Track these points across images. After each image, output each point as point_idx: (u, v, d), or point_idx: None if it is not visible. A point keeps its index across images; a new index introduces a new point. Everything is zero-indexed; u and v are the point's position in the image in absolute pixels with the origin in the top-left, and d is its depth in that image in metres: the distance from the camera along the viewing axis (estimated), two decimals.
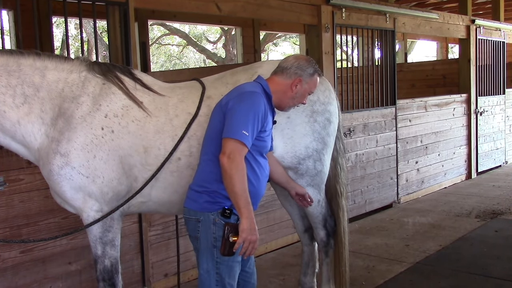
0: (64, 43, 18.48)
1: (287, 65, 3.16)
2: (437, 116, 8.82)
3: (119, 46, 4.56)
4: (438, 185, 8.90)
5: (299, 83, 3.14)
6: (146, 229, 4.72)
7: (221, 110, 2.97)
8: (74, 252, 4.27)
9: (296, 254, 5.61)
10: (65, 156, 3.14)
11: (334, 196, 4.17)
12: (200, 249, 2.99)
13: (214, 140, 2.96)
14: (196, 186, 3.01)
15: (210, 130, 3.04)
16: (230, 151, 2.79)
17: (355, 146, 7.07)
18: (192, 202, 3.01)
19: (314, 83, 3.22)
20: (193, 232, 3.02)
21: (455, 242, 5.97)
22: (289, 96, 3.15)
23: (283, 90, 3.14)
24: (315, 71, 3.20)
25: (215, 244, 2.93)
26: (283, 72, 3.15)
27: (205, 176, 2.98)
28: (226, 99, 2.99)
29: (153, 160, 3.28)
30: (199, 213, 2.96)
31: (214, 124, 3.00)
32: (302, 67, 3.15)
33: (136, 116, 3.30)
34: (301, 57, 3.23)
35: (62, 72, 3.30)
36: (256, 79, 3.19)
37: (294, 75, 3.13)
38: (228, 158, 2.79)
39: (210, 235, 2.94)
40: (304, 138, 3.74)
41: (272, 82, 3.15)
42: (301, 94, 3.18)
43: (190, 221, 3.02)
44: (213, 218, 2.93)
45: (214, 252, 2.94)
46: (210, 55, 24.46)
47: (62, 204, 3.39)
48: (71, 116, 3.19)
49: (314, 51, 6.47)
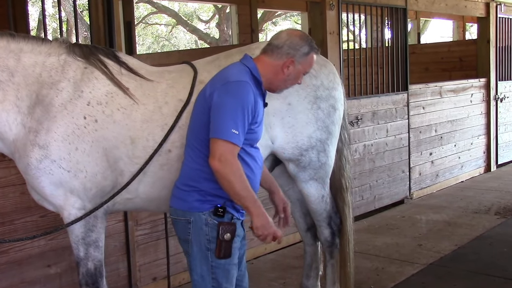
0: (40, 23, 18.41)
1: (278, 43, 3.03)
2: (453, 103, 8.83)
3: (102, 26, 4.55)
4: (454, 179, 8.93)
5: (291, 64, 3.01)
6: (132, 228, 4.74)
7: (205, 102, 2.91)
8: (54, 254, 4.28)
9: (298, 255, 5.64)
10: (44, 148, 3.14)
11: (339, 190, 4.19)
12: (191, 252, 2.97)
13: (198, 134, 2.93)
14: (182, 184, 3.00)
15: (193, 121, 3.01)
16: (220, 154, 2.78)
17: (363, 136, 7.09)
18: (179, 201, 2.99)
19: (310, 62, 3.09)
20: (183, 235, 3.00)
21: (472, 242, 6.01)
22: (280, 79, 3.05)
23: (274, 72, 3.03)
24: (311, 49, 3.05)
25: (209, 246, 2.93)
26: (273, 52, 3.02)
27: (193, 173, 2.96)
28: (210, 89, 2.91)
29: (141, 152, 3.28)
30: (188, 213, 2.94)
31: (197, 115, 2.96)
32: (295, 45, 3.01)
33: (122, 103, 3.30)
34: (294, 33, 3.09)
35: (39, 55, 3.29)
36: (242, 59, 3.08)
37: (285, 55, 3.00)
38: (220, 161, 2.77)
39: (202, 237, 2.93)
40: (306, 127, 3.75)
41: (261, 63, 3.04)
42: (294, 76, 3.08)
43: (179, 222, 3.01)
44: (205, 218, 2.92)
45: (208, 255, 2.94)
46: (202, 35, 24.39)
47: (41, 201, 3.39)
48: (50, 103, 3.19)
49: (318, 31, 6.47)
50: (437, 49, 11.00)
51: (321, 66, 3.90)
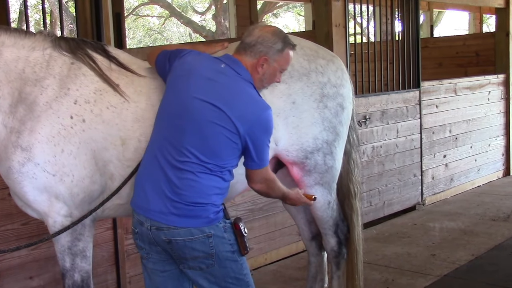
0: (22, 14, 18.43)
1: (250, 40, 3.11)
2: (469, 101, 8.84)
3: (89, 17, 4.56)
4: (470, 183, 8.93)
5: (265, 62, 3.09)
6: (122, 236, 4.74)
7: (233, 127, 2.95)
8: (36, 265, 4.27)
9: (301, 266, 5.64)
10: (27, 150, 3.14)
11: (347, 196, 4.19)
12: (218, 263, 3.04)
13: (218, 156, 2.99)
14: (193, 202, 2.98)
15: (211, 139, 2.97)
16: (262, 177, 3.17)
17: (371, 137, 7.09)
18: (192, 219, 2.99)
19: (286, 59, 3.16)
20: (203, 251, 3.01)
21: (490, 251, 6.01)
22: (256, 79, 3.13)
23: (250, 72, 3.12)
24: (285, 45, 3.13)
25: (233, 249, 3.05)
26: (246, 50, 3.11)
27: (206, 190, 2.99)
28: (244, 124, 2.95)
29: (133, 154, 3.28)
30: (207, 228, 3.00)
31: (217, 136, 2.97)
32: (267, 42, 3.09)
33: (112, 101, 3.30)
34: (266, 29, 3.16)
35: (22, 50, 3.29)
36: (233, 65, 3.09)
37: (258, 54, 3.09)
38: (261, 183, 3.19)
39: (226, 244, 3.03)
40: (312, 128, 3.75)
41: (245, 66, 3.13)
42: (270, 74, 3.15)
43: (195, 242, 3.00)
44: (222, 226, 3.03)
45: (236, 257, 3.07)
46: (197, 28, 24.43)
47: (23, 208, 3.39)
48: (34, 102, 3.19)
49: (322, 23, 6.46)
50: (452, 42, 11.00)
51: (328, 62, 3.90)
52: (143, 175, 3.09)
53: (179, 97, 3.06)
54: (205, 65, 3.13)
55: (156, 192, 3.01)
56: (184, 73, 3.11)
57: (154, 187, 3.01)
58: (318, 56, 3.89)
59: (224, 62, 3.12)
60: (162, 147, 3.03)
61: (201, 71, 3.09)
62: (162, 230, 2.99)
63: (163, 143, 3.04)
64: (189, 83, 3.05)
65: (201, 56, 3.21)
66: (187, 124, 2.99)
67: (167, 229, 2.98)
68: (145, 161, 3.13)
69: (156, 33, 29.45)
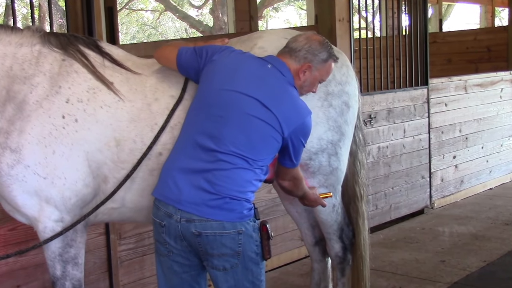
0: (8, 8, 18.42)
1: (296, 46, 3.27)
2: (480, 99, 8.84)
3: (79, 12, 4.56)
4: (481, 186, 8.94)
5: (308, 69, 3.25)
6: (115, 242, 4.74)
7: (279, 128, 3.12)
8: (24, 273, 4.26)
9: (304, 273, 5.64)
10: (17, 152, 3.14)
11: (353, 199, 4.20)
12: (242, 263, 3.11)
13: (260, 150, 3.13)
14: (230, 194, 3.05)
15: (255, 135, 3.10)
16: (292, 176, 3.44)
17: (377, 137, 7.10)
18: (226, 212, 3.05)
19: (327, 70, 3.36)
20: (231, 248, 3.07)
21: (503, 257, 6.01)
22: (297, 85, 3.27)
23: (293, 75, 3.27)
24: (329, 56, 3.32)
25: (258, 251, 3.13)
26: (292, 55, 3.26)
27: (244, 184, 3.09)
28: (289, 127, 3.13)
29: (128, 156, 3.28)
30: (239, 224, 3.06)
31: (262, 132, 3.11)
32: (313, 50, 3.27)
33: (106, 100, 3.30)
34: (314, 38, 3.33)
35: (9, 46, 3.29)
36: (279, 67, 3.22)
37: (303, 60, 3.25)
38: (289, 181, 3.48)
39: (252, 243, 3.10)
40: (316, 127, 3.75)
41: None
42: (310, 83, 3.32)
43: (225, 236, 3.05)
44: (252, 225, 3.11)
45: (258, 261, 3.14)
46: (194, 23, 24.45)
47: (11, 213, 3.38)
48: (23, 101, 3.19)
49: (325, 17, 6.47)
50: (462, 37, 11.02)
51: None
52: (174, 164, 3.15)
53: (221, 90, 3.15)
54: (253, 63, 3.26)
55: (189, 183, 3.06)
56: (229, 67, 3.22)
57: (188, 177, 3.08)
58: None
59: (270, 63, 3.25)
60: (199, 136, 3.11)
61: (250, 68, 3.22)
62: (193, 222, 3.04)
63: (200, 133, 3.12)
64: (237, 78, 3.17)
65: (246, 54, 3.34)
66: (231, 116, 3.10)
67: (199, 221, 3.03)
68: (177, 150, 3.19)
69: (150, 28, 29.48)
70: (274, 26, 29.11)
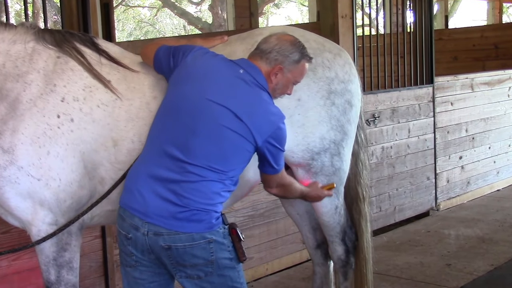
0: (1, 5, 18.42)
1: (266, 47, 3.22)
2: (487, 98, 8.84)
3: (74, 8, 4.56)
4: (488, 187, 8.94)
5: (279, 71, 3.19)
6: (111, 245, 4.74)
7: (252, 139, 3.08)
8: (18, 277, 4.26)
9: (306, 277, 5.64)
10: (9, 152, 3.13)
11: (355, 200, 4.21)
12: (216, 271, 3.10)
13: (228, 162, 3.09)
14: (197, 207, 3.03)
15: (225, 145, 3.06)
16: (277, 182, 3.39)
17: (381, 137, 7.10)
18: (194, 224, 3.03)
19: (300, 71, 3.28)
20: (203, 258, 3.06)
21: (511, 261, 6.01)
22: (269, 88, 3.22)
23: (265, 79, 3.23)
24: (302, 56, 3.25)
25: (231, 256, 3.10)
26: (262, 57, 3.21)
27: (212, 196, 3.05)
28: (262, 136, 3.09)
29: (125, 157, 3.28)
30: (209, 233, 3.05)
31: (233, 143, 3.07)
32: (284, 51, 3.20)
33: (103, 99, 3.30)
34: (285, 38, 3.27)
35: (2, 43, 3.28)
36: (251, 71, 3.17)
37: (274, 62, 3.20)
38: (277, 188, 3.43)
39: (224, 250, 3.08)
40: (319, 127, 3.76)
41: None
42: (283, 85, 3.26)
43: (196, 247, 3.04)
44: (222, 232, 3.08)
45: (234, 265, 3.12)
46: (192, 20, 24.45)
47: (4, 216, 3.37)
48: (16, 99, 3.18)
49: (328, 14, 6.47)
50: (468, 34, 11.02)
51: (335, 56, 3.90)
52: (140, 174, 3.10)
53: (192, 96, 3.10)
54: (224, 68, 3.20)
55: (154, 192, 3.02)
56: (199, 72, 3.17)
57: (152, 185, 3.03)
58: (324, 49, 3.90)
59: (242, 67, 3.19)
60: (166, 145, 3.06)
61: (221, 74, 3.17)
62: (161, 235, 3.00)
63: (168, 141, 3.06)
64: (206, 84, 3.12)
65: (218, 58, 3.28)
66: (202, 126, 3.04)
67: (168, 234, 3.00)
68: (142, 159, 3.15)
69: (147, 25, 29.47)
70: (275, 23, 29.11)
